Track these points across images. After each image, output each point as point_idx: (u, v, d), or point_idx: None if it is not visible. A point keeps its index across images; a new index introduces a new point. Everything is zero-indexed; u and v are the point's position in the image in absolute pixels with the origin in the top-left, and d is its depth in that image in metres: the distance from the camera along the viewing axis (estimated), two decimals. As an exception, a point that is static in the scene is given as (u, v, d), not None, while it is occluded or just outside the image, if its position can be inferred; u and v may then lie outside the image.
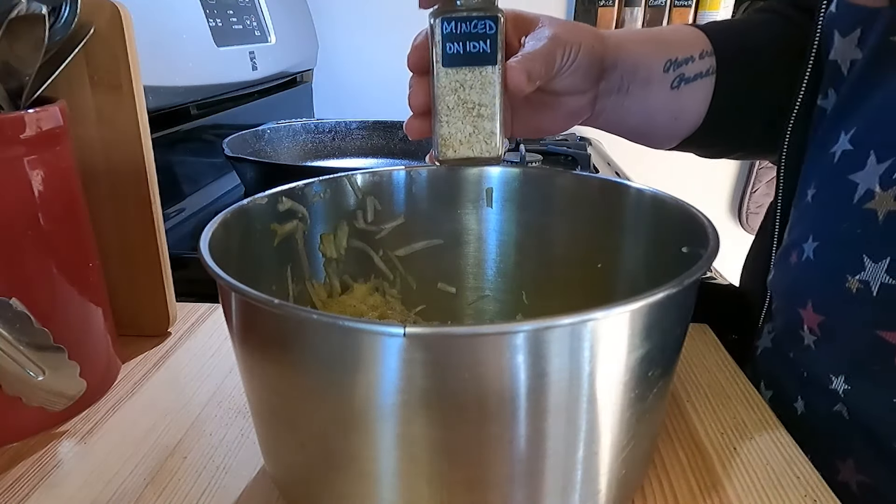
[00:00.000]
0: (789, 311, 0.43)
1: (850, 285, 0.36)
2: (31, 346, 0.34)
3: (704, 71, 0.48)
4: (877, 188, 0.36)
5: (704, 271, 0.26)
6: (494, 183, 0.42)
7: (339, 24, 1.29)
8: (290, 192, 0.37)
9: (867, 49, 0.39)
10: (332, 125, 0.93)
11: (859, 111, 0.39)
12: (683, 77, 0.48)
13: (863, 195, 0.37)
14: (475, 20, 0.37)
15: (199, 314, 0.51)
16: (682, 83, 0.48)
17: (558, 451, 0.25)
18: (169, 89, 0.70)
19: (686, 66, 0.48)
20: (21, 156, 0.34)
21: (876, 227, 0.35)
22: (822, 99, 0.44)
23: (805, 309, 0.40)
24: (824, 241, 0.39)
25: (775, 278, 0.46)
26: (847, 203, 0.37)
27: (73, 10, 0.38)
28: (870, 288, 0.35)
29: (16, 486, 0.33)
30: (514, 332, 0.22)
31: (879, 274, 0.35)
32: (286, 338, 0.25)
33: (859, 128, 0.39)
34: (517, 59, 0.39)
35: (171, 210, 0.72)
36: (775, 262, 0.47)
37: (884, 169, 0.36)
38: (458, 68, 0.38)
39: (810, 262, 0.40)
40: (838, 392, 0.38)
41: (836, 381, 0.38)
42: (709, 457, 0.35)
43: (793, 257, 0.42)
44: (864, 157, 0.37)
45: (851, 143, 0.39)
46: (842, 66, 0.42)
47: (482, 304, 0.44)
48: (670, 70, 0.47)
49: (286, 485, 0.30)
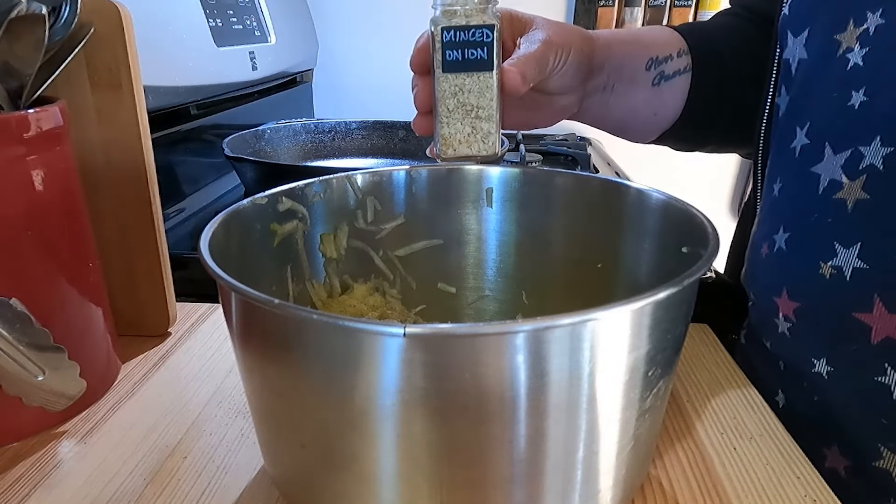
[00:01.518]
0: (764, 301, 0.44)
1: (823, 271, 0.38)
2: (31, 346, 0.34)
3: (682, 68, 0.52)
4: (843, 179, 0.37)
5: (704, 271, 0.26)
6: (494, 183, 0.42)
7: (339, 24, 1.29)
8: (290, 192, 0.37)
9: (813, 47, 0.42)
10: (332, 125, 0.93)
11: (809, 107, 0.41)
12: (664, 74, 0.51)
13: (827, 186, 0.38)
14: (473, 29, 0.39)
15: (199, 314, 0.51)
16: (663, 80, 0.52)
17: (558, 451, 0.25)
18: (169, 89, 0.70)
19: (666, 65, 0.51)
20: (21, 156, 0.34)
21: (845, 215, 0.37)
22: (778, 97, 0.46)
23: (780, 297, 0.42)
24: (795, 232, 0.41)
25: (747, 272, 0.48)
26: (813, 194, 0.39)
27: (73, 10, 0.38)
28: (842, 273, 0.37)
29: (16, 486, 0.33)
30: (514, 332, 0.22)
31: (851, 259, 0.37)
32: (286, 338, 0.25)
33: (812, 122, 0.41)
34: (513, 62, 0.41)
35: (171, 210, 0.72)
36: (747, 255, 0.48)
37: (844, 160, 0.37)
38: (457, 73, 0.40)
39: (783, 253, 0.42)
40: (822, 374, 0.39)
41: (819, 364, 0.39)
42: (709, 457, 0.35)
43: (763, 249, 0.44)
44: (821, 150, 0.39)
45: (808, 137, 0.41)
46: (792, 66, 0.44)
47: (482, 304, 0.44)
48: (652, 68, 0.51)
49: (286, 485, 0.30)
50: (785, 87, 0.45)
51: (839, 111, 0.38)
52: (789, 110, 0.44)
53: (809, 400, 0.41)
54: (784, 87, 0.45)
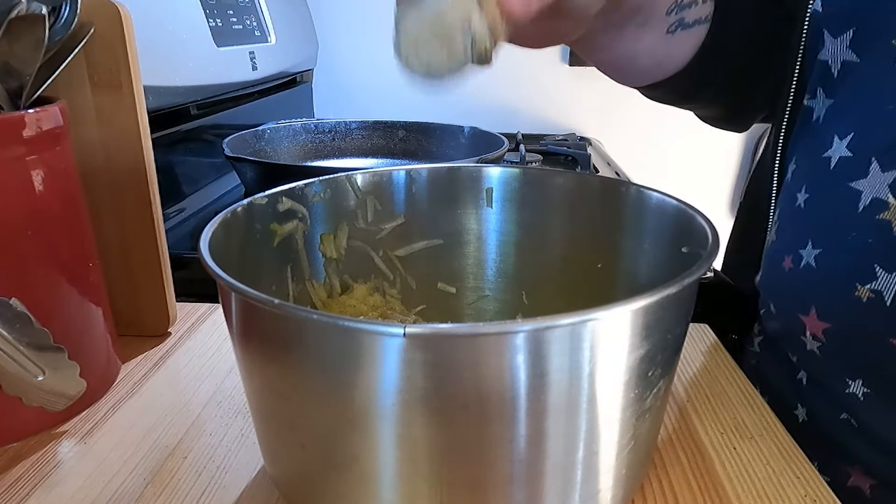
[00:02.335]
0: (788, 316, 0.42)
1: (859, 294, 0.36)
2: (31, 346, 0.34)
3: (704, 17, 0.46)
4: (889, 199, 0.35)
5: (704, 271, 0.26)
6: (494, 183, 0.42)
7: (339, 24, 1.29)
8: (290, 192, 0.37)
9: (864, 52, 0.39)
10: (332, 125, 0.93)
11: (855, 116, 0.38)
12: (682, 22, 0.46)
13: (869, 204, 0.36)
14: None
15: (199, 314, 0.51)
16: (680, 29, 0.46)
17: (558, 451, 0.25)
18: (169, 89, 0.70)
19: (689, 11, 0.45)
20: (21, 156, 0.34)
21: (890, 238, 0.35)
22: (809, 99, 0.43)
23: (808, 315, 0.40)
24: (828, 249, 0.39)
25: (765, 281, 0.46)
26: (851, 211, 0.37)
27: (73, 10, 0.38)
28: (882, 297, 0.35)
29: (16, 486, 0.33)
30: (514, 332, 0.22)
31: (894, 284, 0.34)
32: (286, 338, 0.25)
33: (857, 133, 0.38)
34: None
35: (171, 210, 0.72)
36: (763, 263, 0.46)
37: (893, 178, 0.35)
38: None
39: (812, 270, 0.39)
40: (857, 395, 0.37)
41: (854, 385, 0.38)
42: (709, 457, 0.35)
43: (787, 262, 0.42)
44: (866, 165, 0.36)
45: (850, 149, 0.38)
46: (832, 68, 0.41)
47: (482, 304, 0.44)
48: (673, 12, 0.45)
49: (286, 485, 0.30)
50: (822, 90, 0.42)
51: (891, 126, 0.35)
52: (828, 116, 0.41)
53: (835, 417, 0.39)
54: (821, 91, 0.42)
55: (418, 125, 0.92)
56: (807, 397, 0.42)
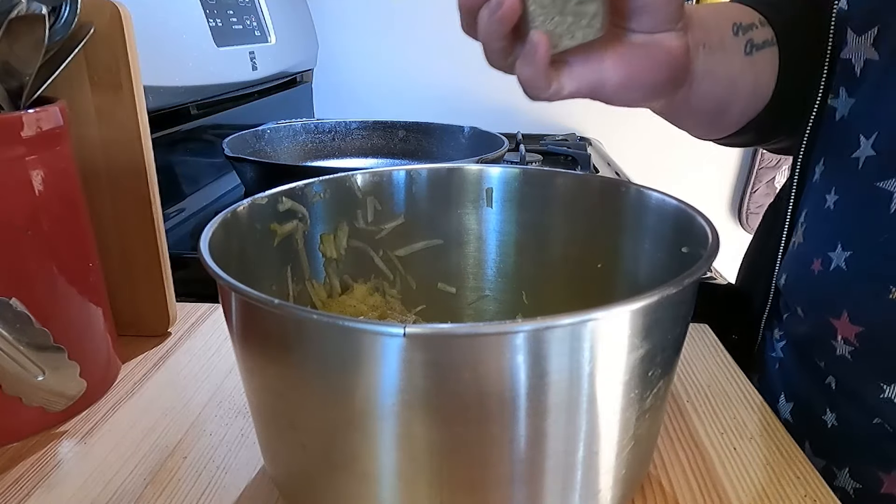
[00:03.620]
0: (817, 319, 0.41)
1: (894, 296, 0.36)
2: (31, 346, 0.34)
3: (769, 39, 0.45)
4: None
5: (704, 271, 0.26)
6: (494, 183, 0.42)
7: (339, 24, 1.29)
8: (290, 192, 0.37)
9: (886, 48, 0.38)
10: (332, 125, 0.93)
11: (881, 115, 0.38)
12: (753, 43, 0.44)
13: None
14: None
15: (199, 314, 0.51)
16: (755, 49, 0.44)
17: (558, 451, 0.25)
18: (169, 89, 0.70)
19: (752, 32, 0.44)
20: (21, 156, 0.34)
21: None
22: (833, 98, 0.43)
23: (839, 320, 0.39)
24: (858, 251, 0.38)
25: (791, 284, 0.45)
26: (882, 212, 0.36)
27: (73, 10, 0.38)
28: None
29: (16, 486, 0.33)
30: (514, 332, 0.22)
31: None
32: (286, 338, 0.25)
33: (882, 133, 0.37)
34: None
35: (171, 210, 0.72)
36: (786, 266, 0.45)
37: None
38: None
39: (842, 272, 0.39)
40: (893, 400, 0.37)
41: (890, 390, 0.37)
42: (709, 457, 0.35)
43: (815, 265, 0.41)
44: (893, 164, 0.36)
45: (875, 148, 0.37)
46: (855, 66, 0.41)
47: (482, 304, 0.44)
48: (739, 33, 0.43)
49: (286, 485, 0.30)
50: (845, 89, 0.42)
51: None
52: (852, 116, 0.41)
53: (867, 422, 0.39)
54: (844, 90, 0.42)
55: (418, 125, 0.92)
56: (837, 403, 0.41)
